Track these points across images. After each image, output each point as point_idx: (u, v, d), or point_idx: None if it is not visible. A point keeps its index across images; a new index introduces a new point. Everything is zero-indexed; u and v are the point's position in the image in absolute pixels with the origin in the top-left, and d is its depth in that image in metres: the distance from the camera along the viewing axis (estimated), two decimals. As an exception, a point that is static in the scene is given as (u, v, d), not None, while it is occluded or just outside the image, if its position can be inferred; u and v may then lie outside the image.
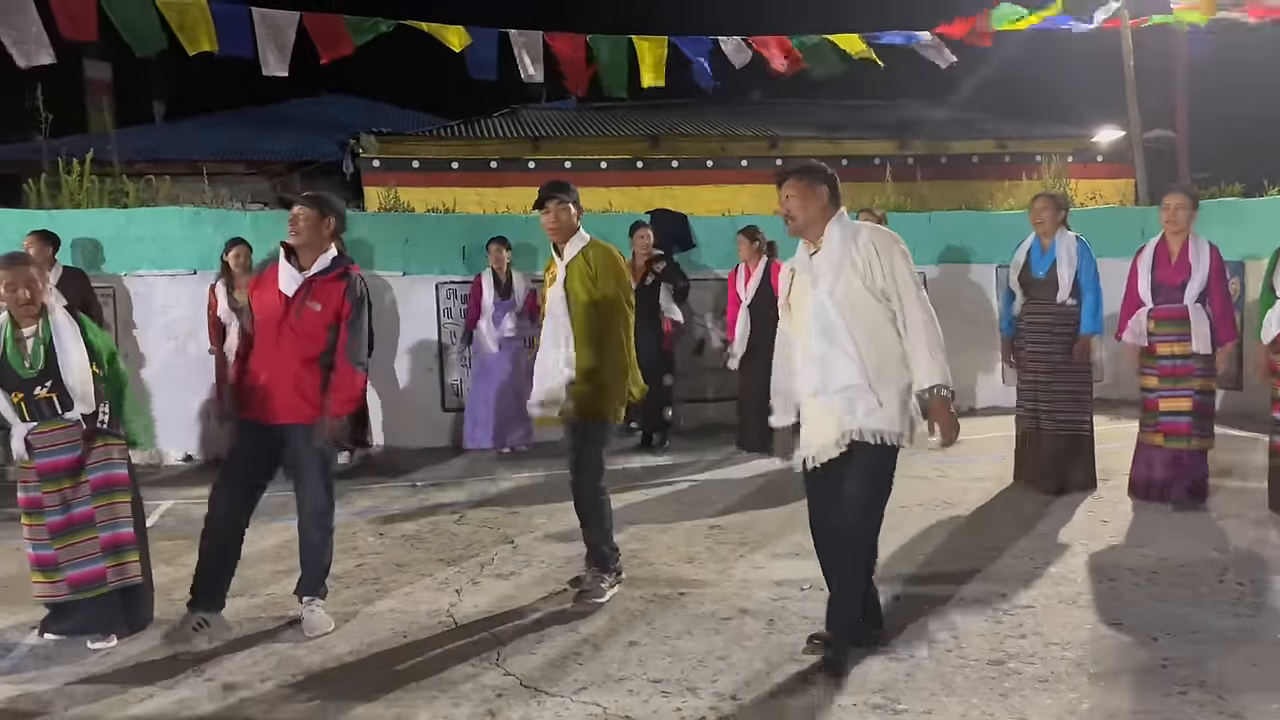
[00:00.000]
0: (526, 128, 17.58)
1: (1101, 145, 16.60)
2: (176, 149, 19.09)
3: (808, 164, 3.74)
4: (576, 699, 3.40)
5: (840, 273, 3.54)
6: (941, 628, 3.95)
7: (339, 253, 4.23)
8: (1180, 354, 5.63)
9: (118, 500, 4.10)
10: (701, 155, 16.75)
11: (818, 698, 3.35)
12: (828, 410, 3.55)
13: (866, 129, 18.07)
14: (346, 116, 20.63)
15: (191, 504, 6.49)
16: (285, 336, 4.07)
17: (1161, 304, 5.67)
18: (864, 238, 3.58)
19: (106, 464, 4.09)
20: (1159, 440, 5.73)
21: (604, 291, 4.36)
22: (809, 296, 3.61)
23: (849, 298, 3.53)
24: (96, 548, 4.01)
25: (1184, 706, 3.20)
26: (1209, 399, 5.69)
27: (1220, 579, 4.44)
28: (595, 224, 9.07)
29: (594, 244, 4.47)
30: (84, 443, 4.02)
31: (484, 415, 8.03)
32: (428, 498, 6.62)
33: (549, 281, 4.55)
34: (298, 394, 4.07)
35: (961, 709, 3.23)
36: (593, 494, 4.45)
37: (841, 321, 3.51)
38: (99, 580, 3.99)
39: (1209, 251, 5.62)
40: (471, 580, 4.76)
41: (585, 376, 4.34)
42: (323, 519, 4.19)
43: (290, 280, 4.11)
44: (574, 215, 4.47)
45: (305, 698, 3.49)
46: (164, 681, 3.64)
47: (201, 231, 8.08)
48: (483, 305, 8.01)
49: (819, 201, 3.64)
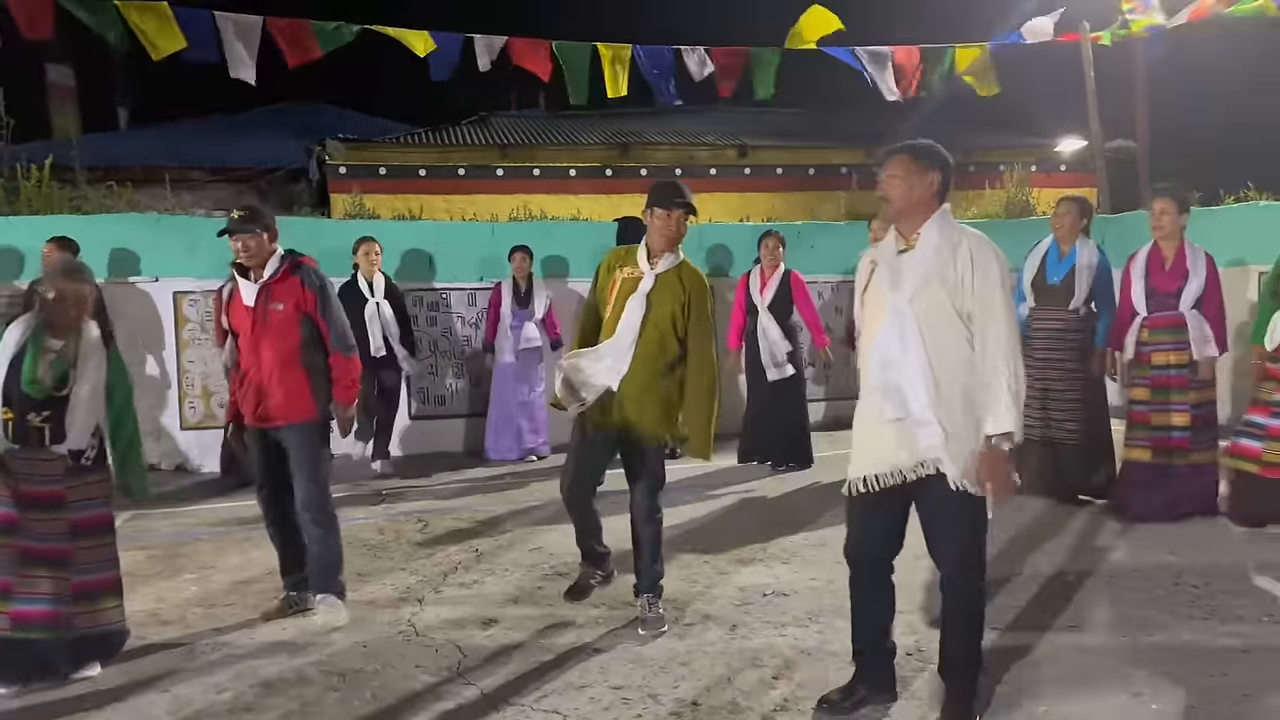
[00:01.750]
0: (495, 135, 17.57)
1: (1064, 155, 16.84)
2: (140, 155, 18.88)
3: (922, 143, 3.25)
4: (538, 708, 3.39)
5: (929, 282, 3.10)
6: (903, 631, 3.97)
7: (285, 251, 4.36)
8: (1176, 364, 5.50)
9: (102, 542, 3.86)
10: (670, 163, 16.81)
11: (778, 702, 3.36)
12: (886, 433, 3.14)
13: (834, 138, 18.21)
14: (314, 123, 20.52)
15: (156, 516, 6.42)
16: (262, 343, 4.23)
17: (1155, 311, 5.56)
18: (965, 247, 3.10)
19: (87, 503, 3.81)
20: (1146, 456, 5.57)
21: (695, 316, 4.08)
22: (886, 299, 3.17)
23: (930, 312, 3.08)
24: (65, 589, 3.68)
25: (1138, 708, 3.25)
26: (1209, 410, 5.56)
27: (1175, 582, 4.51)
28: (566, 232, 9.12)
29: (687, 264, 4.16)
30: (65, 477, 3.75)
31: (504, 425, 8.03)
32: (392, 506, 6.58)
33: (621, 284, 4.13)
34: (286, 394, 4.22)
35: (920, 711, 3.26)
36: (654, 514, 4.17)
37: (918, 338, 3.07)
38: (54, 623, 3.65)
39: (1205, 259, 5.51)
40: (434, 590, 4.74)
41: (654, 397, 4.06)
42: (317, 511, 4.30)
43: (249, 292, 4.28)
44: (686, 228, 4.13)
45: (261, 710, 3.45)
46: (116, 690, 3.59)
47: (163, 239, 7.99)
48: (501, 314, 7.99)
49: (926, 189, 3.17)
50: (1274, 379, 5.23)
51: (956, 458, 3.02)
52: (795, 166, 17.24)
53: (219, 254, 7.88)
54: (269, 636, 4.16)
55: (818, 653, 3.79)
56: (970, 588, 3.19)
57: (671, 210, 4.05)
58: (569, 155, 16.65)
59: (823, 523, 5.76)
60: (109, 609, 3.86)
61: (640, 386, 4.05)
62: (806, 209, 12.15)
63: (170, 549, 5.58)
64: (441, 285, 8.66)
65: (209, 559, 5.38)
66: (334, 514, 4.40)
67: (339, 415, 4.37)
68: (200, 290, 7.99)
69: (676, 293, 4.07)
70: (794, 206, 14.51)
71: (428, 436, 8.51)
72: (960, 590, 3.20)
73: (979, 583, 3.21)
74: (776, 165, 17.40)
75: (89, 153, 16.90)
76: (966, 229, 3.19)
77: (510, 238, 8.49)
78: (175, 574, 5.11)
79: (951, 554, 3.17)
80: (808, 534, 5.55)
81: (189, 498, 6.89)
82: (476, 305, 8.60)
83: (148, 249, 7.96)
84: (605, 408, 4.11)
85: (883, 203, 3.27)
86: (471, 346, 8.59)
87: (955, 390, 3.05)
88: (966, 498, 3.05)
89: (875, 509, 3.21)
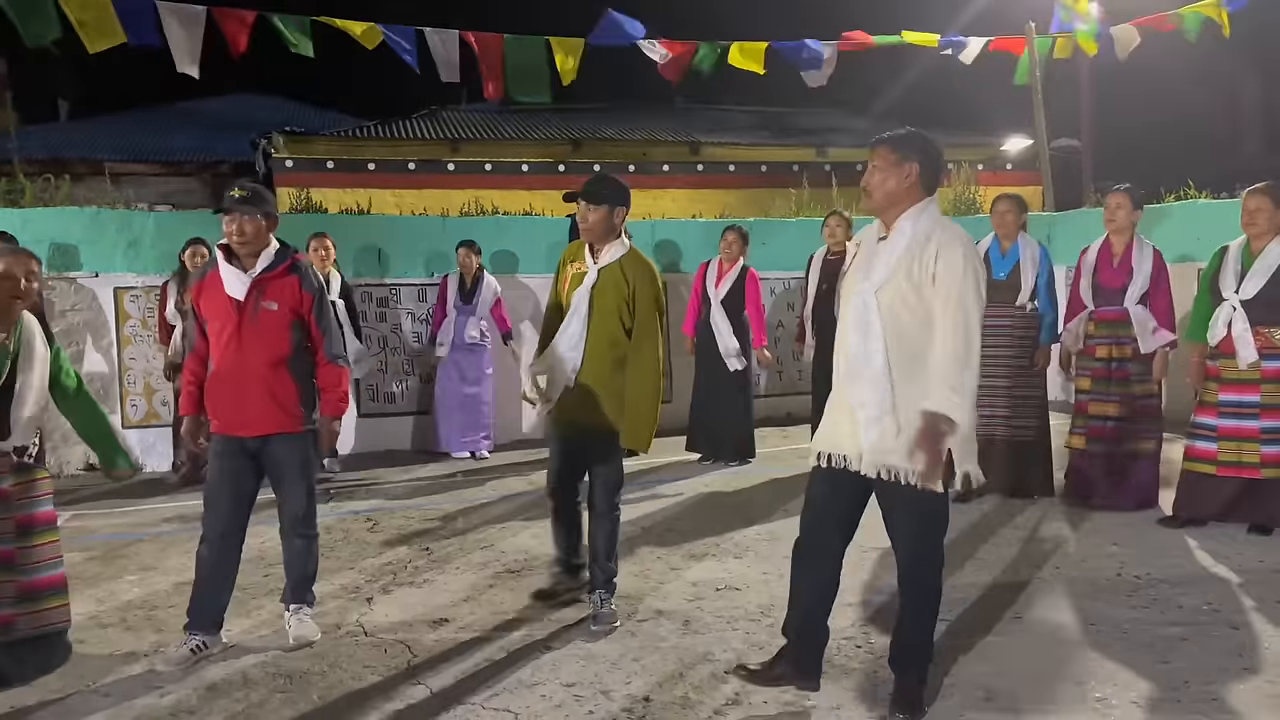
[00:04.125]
0: (446, 129, 17.44)
1: (1010, 153, 17.11)
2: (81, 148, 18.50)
3: (901, 133, 3.21)
4: (489, 706, 3.36)
5: (896, 275, 3.08)
6: (851, 623, 4.01)
7: (281, 245, 3.97)
8: (1118, 357, 5.64)
9: (46, 540, 3.73)
10: (623, 159, 16.80)
11: (729, 696, 3.37)
12: (843, 419, 3.18)
13: (786, 136, 18.33)
14: (261, 115, 20.20)
15: (96, 515, 6.27)
16: (247, 343, 3.81)
17: (1102, 305, 5.70)
18: (934, 240, 3.07)
19: (32, 501, 3.70)
20: (1081, 444, 5.75)
21: (640, 310, 4.04)
22: (856, 287, 3.18)
23: (893, 305, 3.07)
24: (12, 591, 3.60)
25: (1082, 696, 3.30)
26: (1150, 402, 5.67)
27: (1118, 573, 4.60)
28: (518, 227, 9.06)
29: (633, 255, 4.12)
30: (10, 475, 3.62)
31: (452, 420, 7.97)
32: (340, 505, 6.49)
33: (570, 279, 4.17)
34: (273, 402, 3.84)
35: (870, 703, 3.28)
36: (611, 511, 4.17)
37: (880, 329, 3.08)
38: (3, 626, 3.59)
39: (1152, 254, 5.62)
40: (384, 589, 4.68)
41: (607, 391, 4.05)
42: (305, 526, 4.03)
43: (237, 283, 3.82)
44: (610, 218, 4.07)
45: (205, 713, 3.38)
46: (55, 692, 3.50)
47: (103, 233, 7.80)
48: (446, 309, 7.93)
49: (904, 180, 3.14)
50: (1214, 378, 5.28)
51: (910, 452, 3.02)
52: (747, 164, 17.32)
53: (162, 249, 7.79)
54: (213, 638, 4.07)
55: (770, 647, 3.78)
56: (926, 582, 3.21)
57: (578, 202, 4.08)
58: (521, 150, 16.57)
59: (775, 517, 5.79)
60: (53, 609, 3.76)
61: (594, 380, 4.06)
62: (758, 206, 12.19)
63: (111, 550, 5.45)
64: (391, 281, 8.57)
65: (151, 560, 5.26)
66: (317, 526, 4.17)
67: (324, 428, 4.01)
68: (142, 286, 7.82)
69: (620, 285, 4.05)
70: (746, 203, 14.57)
71: (376, 435, 8.41)
72: (916, 583, 3.21)
73: (935, 579, 3.22)
74: (729, 162, 17.47)
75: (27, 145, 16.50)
76: (943, 222, 3.16)
77: (461, 233, 8.42)
78: (116, 576, 5.00)
79: (907, 548, 3.19)
80: (760, 528, 5.58)
81: (130, 496, 6.73)
82: (426, 301, 8.52)
83: (88, 244, 7.78)
84: (564, 404, 4.15)
85: (865, 194, 3.23)
86: (421, 343, 8.51)
87: (913, 387, 3.03)
88: (924, 493, 3.05)
89: (833, 493, 3.24)
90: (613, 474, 4.17)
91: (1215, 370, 5.29)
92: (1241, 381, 5.17)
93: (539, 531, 5.65)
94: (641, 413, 4.04)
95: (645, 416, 4.05)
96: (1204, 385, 5.34)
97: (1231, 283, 5.18)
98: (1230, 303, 5.17)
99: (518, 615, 4.25)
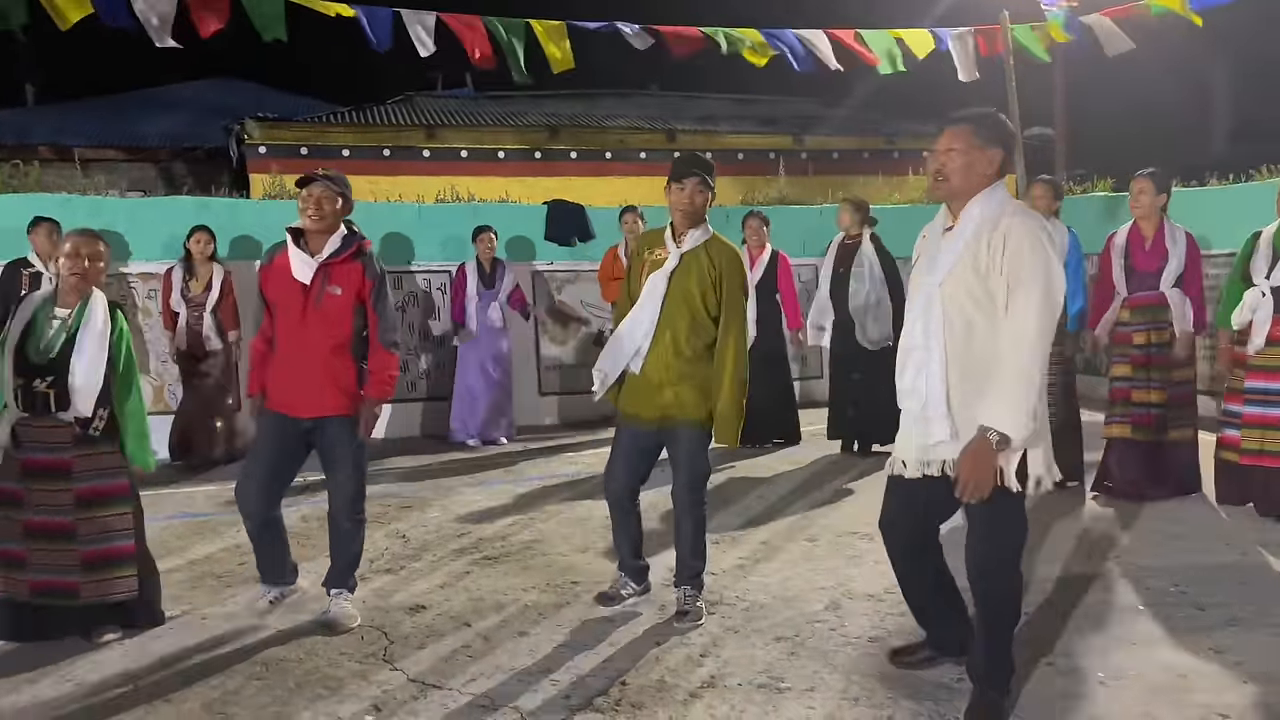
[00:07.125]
0: (421, 115, 17.29)
1: (985, 142, 17.19)
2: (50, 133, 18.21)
3: (988, 113, 2.94)
4: (465, 691, 3.37)
5: (960, 266, 2.84)
6: (824, 606, 4.05)
7: (350, 231, 4.01)
8: (1156, 343, 5.50)
9: (111, 513, 3.85)
10: (600, 147, 16.75)
11: (704, 678, 3.40)
12: (906, 421, 3.03)
13: (763, 124, 18.33)
14: (233, 101, 19.96)
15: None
16: (310, 327, 3.87)
17: (1136, 290, 5.57)
18: (1002, 227, 2.80)
19: (97, 474, 3.83)
20: (1126, 433, 5.55)
21: (728, 296, 3.87)
22: (920, 281, 2.98)
23: (958, 299, 2.85)
24: (75, 559, 3.77)
25: (1054, 678, 3.35)
26: (1187, 389, 5.58)
27: (1089, 555, 4.66)
28: (493, 214, 9.02)
29: (717, 240, 3.95)
30: (73, 446, 3.78)
31: (470, 408, 7.94)
32: (316, 492, 6.45)
33: (646, 265, 3.98)
34: (332, 385, 3.90)
35: (842, 684, 3.32)
36: (697, 505, 4.01)
37: (940, 326, 2.87)
38: (69, 592, 3.77)
39: (1185, 238, 5.48)
40: (360, 576, 4.66)
41: (690, 382, 3.87)
42: (355, 508, 4.06)
43: (304, 267, 3.87)
44: (709, 202, 3.93)
45: (181, 700, 3.37)
46: (29, 680, 3.49)
47: (73, 220, 7.63)
48: (466, 295, 7.89)
49: (986, 168, 2.88)
50: (1242, 364, 5.21)
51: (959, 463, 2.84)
52: (725, 151, 17.32)
53: (134, 236, 7.72)
54: (190, 625, 4.06)
55: (745, 630, 3.84)
56: (993, 591, 2.97)
57: (685, 182, 3.87)
58: (497, 137, 16.49)
59: (750, 503, 5.83)
60: (118, 578, 3.85)
61: (670, 370, 3.88)
62: (736, 193, 12.21)
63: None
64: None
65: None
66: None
67: (366, 411, 3.99)
68: (113, 274, 7.73)
69: (705, 270, 3.86)
70: (724, 190, 14.58)
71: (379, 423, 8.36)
72: (982, 592, 2.99)
73: (1004, 585, 2.97)
74: (706, 150, 17.44)
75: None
76: (1015, 205, 2.91)
77: (436, 219, 8.40)
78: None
79: (973, 554, 2.98)
80: (737, 514, 5.62)
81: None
82: (401, 289, 8.49)
83: (57, 230, 7.66)
84: (636, 396, 3.98)
85: (937, 179, 2.96)
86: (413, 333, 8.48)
87: (973, 386, 2.83)
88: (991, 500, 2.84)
89: (905, 496, 3.10)
90: (699, 466, 3.97)
91: (1242, 356, 5.20)
92: (1269, 369, 5.08)
93: (516, 519, 5.68)
94: (732, 405, 3.86)
95: (736, 409, 3.86)
96: (1233, 372, 5.28)
97: (1263, 267, 5.13)
98: (1260, 289, 5.11)
99: (494, 602, 4.26)
